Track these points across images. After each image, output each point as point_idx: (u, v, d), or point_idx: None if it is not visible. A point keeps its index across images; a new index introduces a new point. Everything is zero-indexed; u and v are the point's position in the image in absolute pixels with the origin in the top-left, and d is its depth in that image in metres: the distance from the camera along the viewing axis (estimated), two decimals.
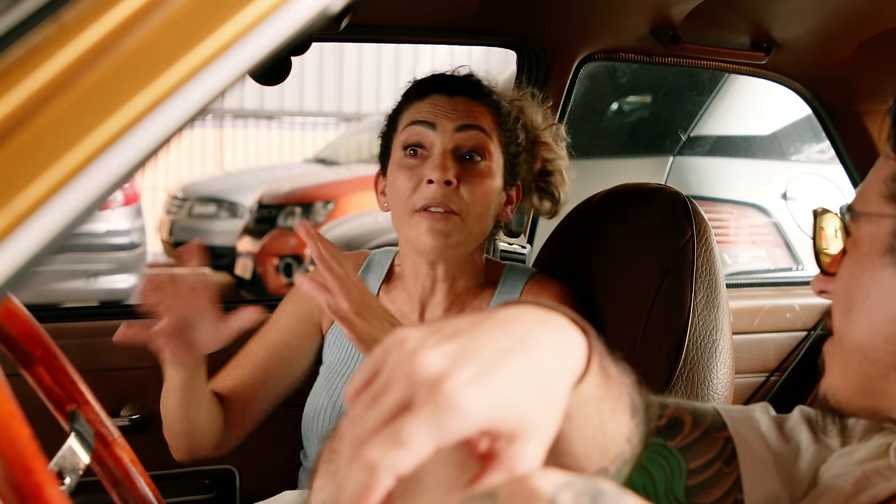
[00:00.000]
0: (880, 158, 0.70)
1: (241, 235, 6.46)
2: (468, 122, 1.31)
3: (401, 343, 0.54)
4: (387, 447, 0.49)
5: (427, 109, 1.32)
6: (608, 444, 0.68)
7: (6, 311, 0.87)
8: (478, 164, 1.31)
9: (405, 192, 1.29)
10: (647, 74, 3.77)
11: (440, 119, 1.30)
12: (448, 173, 1.26)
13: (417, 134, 1.31)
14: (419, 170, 1.29)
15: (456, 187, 1.27)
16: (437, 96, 1.33)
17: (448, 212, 1.27)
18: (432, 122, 1.30)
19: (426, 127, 1.30)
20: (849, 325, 0.69)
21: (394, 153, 1.34)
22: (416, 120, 1.31)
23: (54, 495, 0.48)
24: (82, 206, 0.48)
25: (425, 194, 1.27)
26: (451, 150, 1.29)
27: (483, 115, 1.33)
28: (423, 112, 1.32)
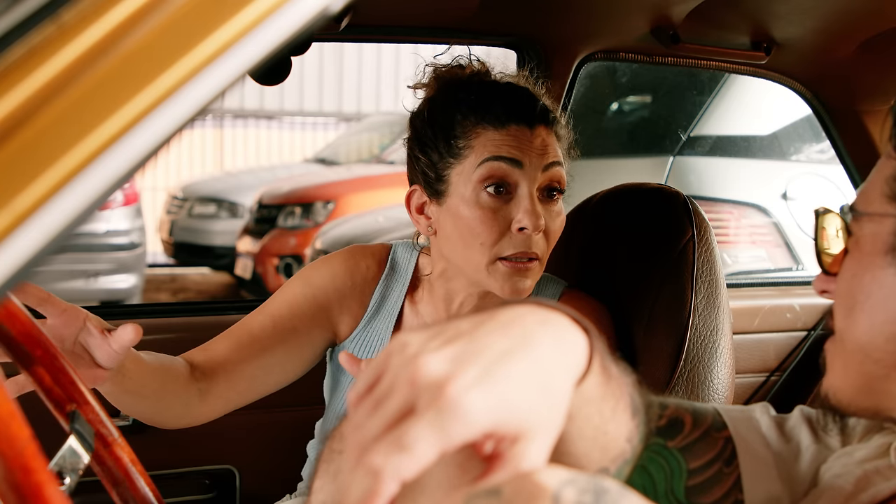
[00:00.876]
0: (882, 158, 0.70)
1: (241, 235, 6.46)
2: (553, 159, 1.21)
3: (402, 347, 0.54)
4: (391, 453, 0.48)
5: (510, 144, 1.19)
6: (609, 443, 0.68)
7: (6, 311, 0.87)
8: (556, 200, 1.23)
9: (489, 237, 1.18)
10: (647, 74, 3.78)
11: (527, 156, 1.19)
12: (541, 220, 1.18)
13: (502, 172, 1.18)
14: (504, 212, 1.18)
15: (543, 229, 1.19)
16: (517, 127, 1.20)
17: (531, 259, 1.20)
18: (520, 159, 1.18)
19: (512, 165, 1.18)
20: (850, 325, 0.69)
21: (461, 186, 1.20)
22: (499, 155, 1.18)
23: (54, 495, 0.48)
24: (82, 206, 0.48)
25: (515, 243, 1.18)
26: (538, 191, 1.20)
27: (555, 145, 1.24)
28: (506, 147, 1.18)
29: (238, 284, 6.71)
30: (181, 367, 1.21)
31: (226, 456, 1.69)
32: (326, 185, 6.30)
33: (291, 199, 6.14)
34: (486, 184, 1.19)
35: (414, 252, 1.38)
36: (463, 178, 1.20)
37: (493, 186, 1.18)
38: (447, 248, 1.25)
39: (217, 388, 1.24)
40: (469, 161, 1.20)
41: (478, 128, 1.20)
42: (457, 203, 1.21)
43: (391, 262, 1.38)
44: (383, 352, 0.54)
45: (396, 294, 1.35)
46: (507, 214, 1.19)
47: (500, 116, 1.19)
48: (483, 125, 1.20)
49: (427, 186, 1.26)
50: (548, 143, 1.21)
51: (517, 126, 1.19)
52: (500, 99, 1.22)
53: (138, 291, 5.28)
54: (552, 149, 1.21)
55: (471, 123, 1.21)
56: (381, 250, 1.39)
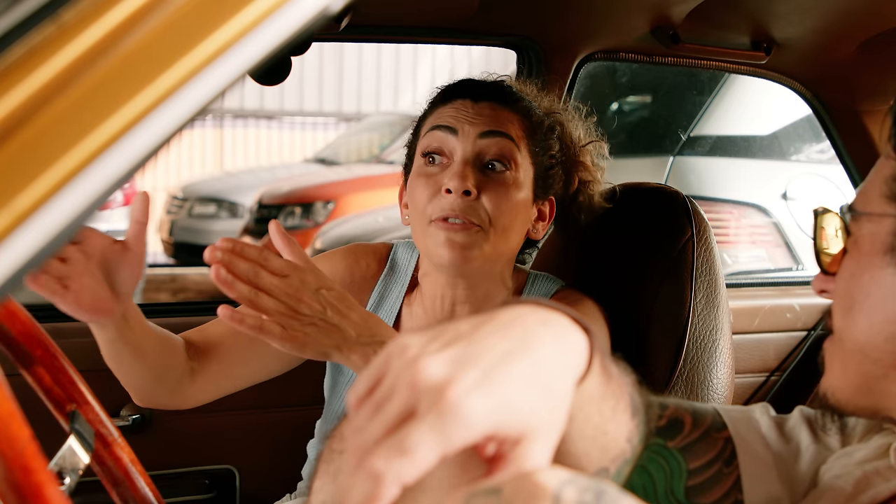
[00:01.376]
0: (881, 158, 0.70)
1: (241, 235, 6.46)
2: (492, 127, 1.22)
3: (402, 350, 0.53)
4: (392, 457, 0.48)
5: (449, 114, 1.24)
6: (609, 443, 0.68)
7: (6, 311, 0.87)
8: (502, 173, 1.22)
9: (422, 201, 1.21)
10: (647, 74, 3.78)
11: (462, 124, 1.22)
12: (467, 182, 1.18)
13: (438, 140, 1.23)
14: (438, 178, 1.21)
15: (476, 198, 1.18)
16: (461, 101, 1.24)
17: (467, 223, 1.18)
18: (454, 126, 1.22)
19: (447, 132, 1.22)
20: (849, 325, 0.69)
21: (415, 161, 1.27)
22: (437, 125, 1.24)
23: (54, 495, 0.48)
24: (82, 206, 0.48)
25: (442, 204, 1.19)
26: (473, 158, 1.21)
27: (511, 121, 1.24)
28: (445, 117, 1.24)
29: None
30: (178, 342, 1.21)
31: (226, 456, 1.69)
32: (326, 185, 6.30)
33: (291, 199, 6.14)
34: (426, 152, 1.25)
35: (415, 252, 1.38)
36: (418, 154, 1.27)
37: (430, 154, 1.24)
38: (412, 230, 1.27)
39: (209, 370, 1.23)
40: (421, 136, 1.27)
41: (433, 108, 1.28)
42: (410, 179, 1.27)
43: (391, 262, 1.38)
44: (383, 354, 0.54)
45: (395, 294, 1.35)
46: (440, 179, 1.22)
47: (449, 93, 1.28)
48: (437, 104, 1.28)
49: (405, 173, 1.32)
50: (493, 115, 1.23)
51: (461, 100, 1.25)
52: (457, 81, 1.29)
53: (138, 291, 5.28)
54: (498, 121, 1.23)
55: (430, 107, 1.29)
56: (382, 249, 1.40)
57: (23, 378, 0.91)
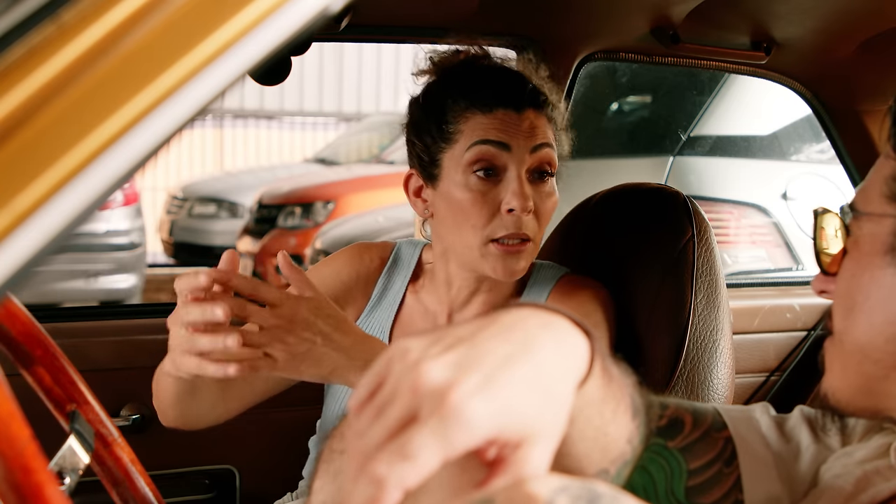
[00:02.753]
0: (881, 158, 0.70)
1: (241, 235, 6.46)
2: (541, 140, 1.23)
3: (404, 353, 0.53)
4: (394, 462, 0.48)
5: (496, 127, 1.21)
6: (609, 445, 0.68)
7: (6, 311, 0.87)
8: (547, 181, 1.25)
9: (479, 219, 1.21)
10: (647, 74, 3.77)
11: (514, 139, 1.21)
12: (529, 202, 1.20)
13: (490, 155, 1.20)
14: (493, 194, 1.21)
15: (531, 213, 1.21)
16: (504, 112, 1.21)
17: (523, 241, 1.21)
18: (507, 142, 1.20)
19: (499, 148, 1.20)
20: (849, 326, 0.69)
21: (452, 170, 1.23)
22: (486, 139, 1.21)
23: (54, 495, 0.48)
24: (82, 206, 0.48)
25: (505, 224, 1.20)
26: (527, 172, 1.22)
27: (548, 127, 1.25)
28: (493, 131, 1.21)
29: None
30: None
31: (226, 456, 1.69)
32: (326, 185, 6.30)
33: (291, 199, 6.14)
34: (475, 167, 1.21)
35: (418, 246, 1.41)
36: (454, 162, 1.23)
37: (482, 170, 1.21)
38: (443, 230, 1.28)
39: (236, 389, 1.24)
40: (459, 145, 1.23)
41: (467, 112, 1.23)
42: (449, 186, 1.24)
43: (395, 257, 1.40)
44: (384, 357, 0.54)
45: (399, 284, 1.37)
46: (496, 196, 1.21)
47: (488, 101, 1.22)
48: (472, 110, 1.22)
49: (422, 170, 1.28)
50: (536, 125, 1.23)
51: (504, 110, 1.21)
52: (488, 83, 1.24)
53: (138, 291, 5.28)
54: (541, 131, 1.23)
55: (460, 108, 1.23)
56: (385, 246, 1.42)
57: (23, 378, 0.91)
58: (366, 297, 1.37)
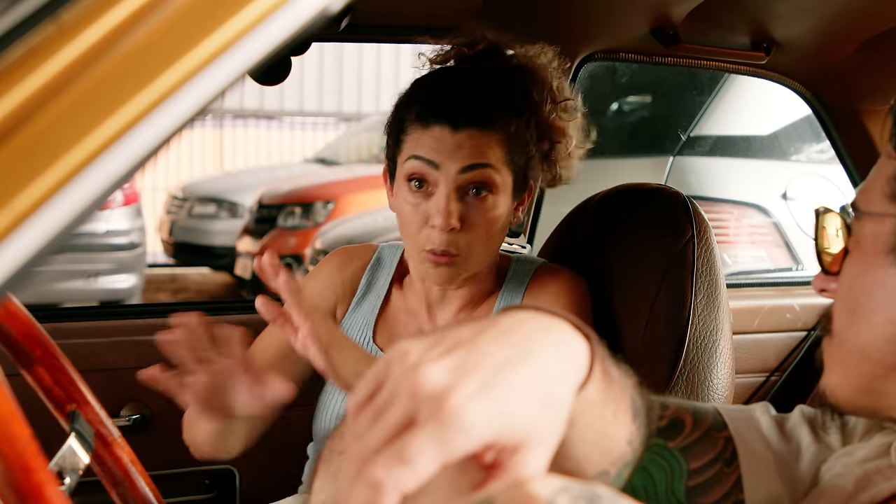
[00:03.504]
0: (882, 157, 0.70)
1: (241, 235, 6.46)
2: (473, 161, 1.21)
3: (403, 356, 0.53)
4: (392, 466, 0.48)
5: (429, 145, 1.22)
6: (609, 446, 0.68)
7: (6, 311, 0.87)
8: (483, 199, 1.24)
9: (411, 228, 1.25)
10: (647, 74, 3.77)
11: (443, 158, 1.21)
12: (451, 218, 1.21)
13: (420, 170, 1.23)
14: (423, 207, 1.24)
15: (459, 229, 1.22)
16: (440, 129, 1.21)
17: (450, 256, 1.23)
18: (435, 161, 1.22)
19: (429, 166, 1.22)
20: (850, 325, 0.69)
21: (399, 177, 1.27)
22: (417, 155, 1.23)
23: (54, 495, 0.48)
24: (82, 206, 0.48)
25: (431, 238, 1.23)
26: (455, 191, 1.22)
27: (491, 146, 1.23)
28: (425, 148, 1.22)
29: (238, 284, 6.71)
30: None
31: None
32: (326, 185, 6.30)
33: (291, 199, 6.14)
34: (409, 177, 1.24)
35: (399, 249, 1.45)
36: (399, 170, 1.27)
37: (415, 182, 1.24)
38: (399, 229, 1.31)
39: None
40: (402, 155, 1.26)
41: (412, 124, 1.25)
42: (397, 192, 1.29)
43: (376, 258, 1.45)
44: (383, 360, 0.54)
45: (382, 282, 1.41)
46: (427, 210, 1.24)
47: (427, 115, 1.23)
48: (415, 123, 1.24)
49: (389, 170, 1.34)
50: (472, 144, 1.21)
51: (440, 126, 1.22)
52: (433, 97, 1.25)
53: (138, 291, 5.28)
54: (479, 150, 1.21)
55: (408, 120, 1.26)
56: (367, 249, 1.47)
57: (23, 378, 0.91)
58: (351, 295, 1.42)
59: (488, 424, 0.50)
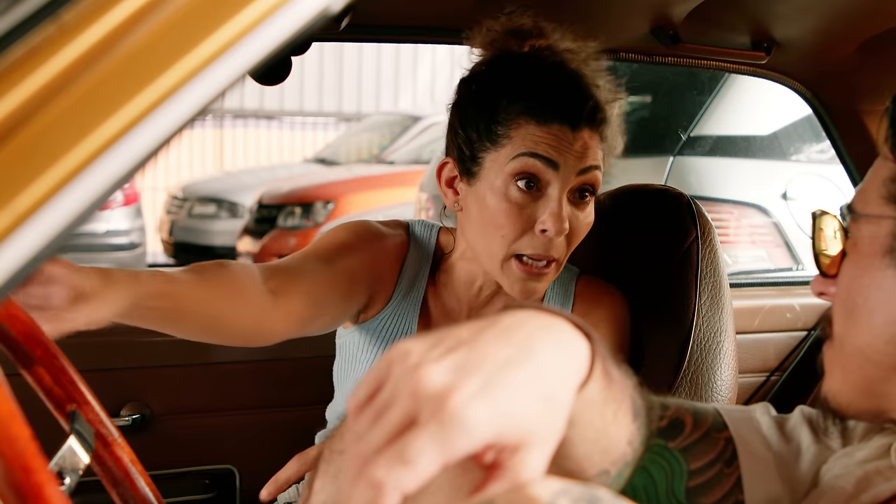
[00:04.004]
0: (878, 159, 0.70)
1: (241, 235, 6.46)
2: (591, 163, 1.16)
3: (403, 356, 0.53)
4: (393, 466, 0.48)
5: (548, 142, 1.14)
6: (610, 446, 0.68)
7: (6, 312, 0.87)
8: (588, 202, 1.20)
9: (510, 232, 1.16)
10: (647, 74, 3.77)
11: (564, 159, 1.14)
12: (565, 224, 1.15)
13: (536, 169, 1.14)
14: (530, 210, 1.15)
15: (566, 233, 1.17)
16: (559, 127, 1.14)
17: (549, 262, 1.17)
18: (556, 160, 1.14)
19: (548, 165, 1.14)
20: (850, 328, 0.69)
21: (493, 173, 1.17)
22: (535, 152, 1.14)
23: (54, 495, 0.48)
24: (82, 206, 0.48)
25: (534, 244, 1.16)
26: (569, 193, 1.16)
27: (598, 146, 1.18)
28: (544, 146, 1.14)
29: None
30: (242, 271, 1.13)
31: (226, 456, 1.69)
32: (326, 185, 6.30)
33: (291, 199, 6.14)
34: (518, 177, 1.15)
35: (433, 231, 1.35)
36: (496, 166, 1.17)
37: (525, 181, 1.15)
38: (469, 229, 1.23)
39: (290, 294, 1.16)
40: (505, 150, 1.16)
41: (520, 118, 1.15)
42: (485, 189, 1.18)
43: (413, 241, 1.34)
44: (384, 359, 0.54)
45: (421, 275, 1.32)
46: (533, 213, 1.16)
47: (546, 112, 1.15)
48: (526, 117, 1.15)
49: (460, 163, 1.22)
50: (589, 145, 1.16)
51: (560, 125, 1.14)
52: (549, 92, 1.16)
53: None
54: (592, 152, 1.17)
55: (514, 112, 1.16)
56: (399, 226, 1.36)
57: (23, 378, 0.91)
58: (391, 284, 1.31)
59: (489, 424, 0.50)
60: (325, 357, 1.44)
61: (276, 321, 1.15)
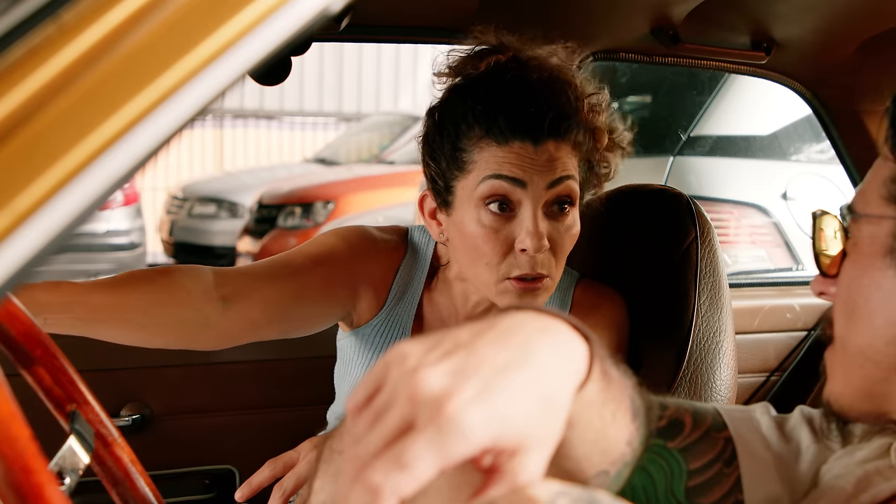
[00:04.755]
0: (878, 159, 0.71)
1: (241, 235, 6.46)
2: (560, 174, 1.14)
3: (401, 359, 0.53)
4: (390, 471, 0.48)
5: (512, 162, 1.13)
6: (609, 447, 0.68)
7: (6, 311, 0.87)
8: (567, 214, 1.18)
9: (493, 257, 1.15)
10: (647, 74, 3.77)
11: (530, 175, 1.13)
12: (543, 240, 1.13)
13: (504, 190, 1.13)
14: (507, 231, 1.14)
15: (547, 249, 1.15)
16: (521, 145, 1.13)
17: (539, 278, 1.16)
18: (521, 179, 1.13)
19: (514, 184, 1.13)
20: (850, 329, 0.69)
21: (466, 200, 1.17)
22: (499, 174, 1.13)
23: (54, 495, 0.48)
24: (83, 206, 0.48)
25: (519, 264, 1.14)
26: (542, 208, 1.15)
27: (568, 156, 1.16)
28: (508, 166, 1.13)
29: None
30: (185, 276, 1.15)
31: (226, 456, 1.69)
32: (326, 185, 6.30)
33: (291, 199, 6.14)
34: (488, 201, 1.15)
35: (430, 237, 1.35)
36: (467, 193, 1.17)
37: (496, 203, 1.14)
38: (458, 257, 1.23)
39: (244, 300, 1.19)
40: (473, 176, 1.16)
41: (482, 142, 1.15)
42: (462, 217, 1.17)
43: (410, 248, 1.34)
44: (382, 361, 0.54)
45: (417, 280, 1.32)
46: (510, 234, 1.15)
47: (504, 132, 1.13)
48: (486, 139, 1.14)
49: (436, 195, 1.22)
50: (556, 157, 1.14)
51: (521, 142, 1.13)
52: (505, 109, 1.14)
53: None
54: (560, 163, 1.15)
55: (475, 136, 1.15)
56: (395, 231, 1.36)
57: (23, 378, 0.91)
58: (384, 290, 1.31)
59: (487, 429, 0.50)
60: (325, 357, 1.44)
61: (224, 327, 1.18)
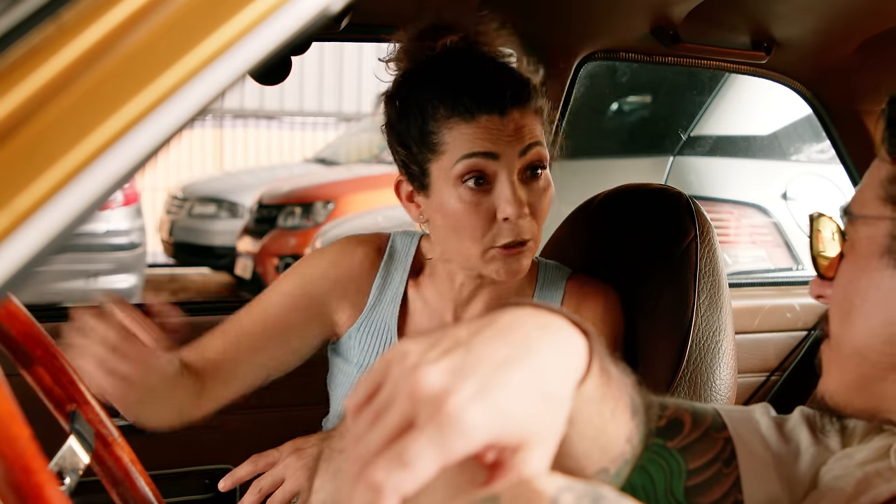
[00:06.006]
0: (875, 160, 0.71)
1: (241, 235, 6.46)
2: (529, 140, 1.17)
3: (401, 357, 0.53)
4: (392, 469, 0.48)
5: (483, 137, 1.16)
6: (609, 444, 0.68)
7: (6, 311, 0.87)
8: (541, 176, 1.21)
9: (476, 230, 1.18)
10: (647, 74, 3.77)
11: (501, 147, 1.16)
12: (524, 207, 1.17)
13: (479, 166, 1.16)
14: (487, 203, 1.17)
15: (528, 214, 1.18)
16: (488, 118, 1.16)
17: (523, 243, 1.19)
18: (494, 152, 1.16)
19: (488, 158, 1.16)
20: (847, 329, 0.69)
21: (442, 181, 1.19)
22: (473, 152, 1.16)
23: (54, 495, 0.48)
24: (83, 206, 0.48)
25: (503, 233, 1.17)
26: (518, 176, 1.18)
27: (534, 122, 1.20)
28: (479, 141, 1.16)
29: (238, 284, 6.70)
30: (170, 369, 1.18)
31: (226, 456, 1.69)
32: (326, 185, 6.30)
33: (291, 199, 6.14)
34: (465, 178, 1.17)
35: (414, 238, 1.37)
36: (443, 174, 1.19)
37: (473, 179, 1.17)
38: (441, 236, 1.25)
39: (211, 390, 1.24)
40: (447, 157, 1.18)
41: (449, 121, 1.17)
42: (441, 197, 1.20)
43: (390, 250, 1.36)
44: (382, 359, 0.54)
45: (398, 279, 1.34)
46: (491, 205, 1.17)
47: (470, 108, 1.16)
48: (454, 118, 1.17)
49: (411, 179, 1.24)
50: (522, 124, 1.17)
51: (488, 116, 1.16)
52: (467, 87, 1.17)
53: (138, 291, 5.28)
54: (528, 129, 1.18)
55: (442, 116, 1.18)
56: (378, 239, 1.38)
57: (23, 378, 0.91)
58: (363, 294, 1.33)
59: (487, 426, 0.50)
60: (325, 358, 1.44)
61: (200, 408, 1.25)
